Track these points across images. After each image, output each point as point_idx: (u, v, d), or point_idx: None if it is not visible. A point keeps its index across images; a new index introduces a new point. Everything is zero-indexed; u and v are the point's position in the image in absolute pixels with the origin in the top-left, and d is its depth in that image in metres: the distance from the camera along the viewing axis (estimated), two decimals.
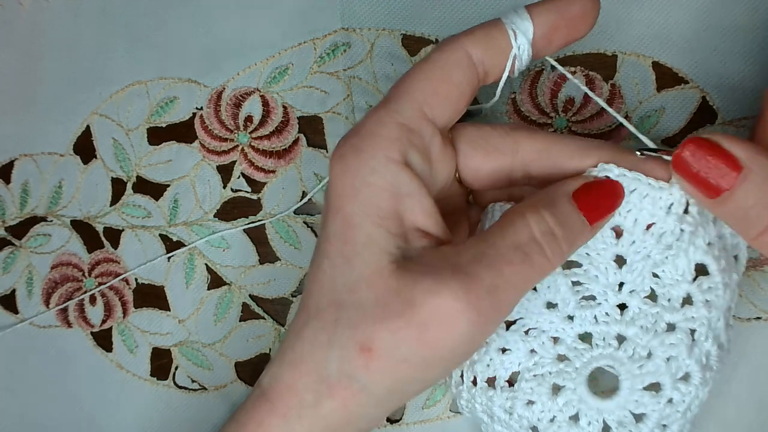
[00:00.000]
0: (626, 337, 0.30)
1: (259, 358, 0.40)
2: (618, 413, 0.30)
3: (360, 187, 0.28)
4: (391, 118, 0.29)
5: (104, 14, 0.42)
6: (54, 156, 0.42)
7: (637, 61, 0.37)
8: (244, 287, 0.40)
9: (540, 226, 0.28)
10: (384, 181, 0.28)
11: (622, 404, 0.30)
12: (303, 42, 0.40)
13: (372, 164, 0.28)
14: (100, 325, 0.42)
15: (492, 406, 0.32)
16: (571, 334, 0.31)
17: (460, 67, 0.29)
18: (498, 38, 0.30)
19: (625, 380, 0.30)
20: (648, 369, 0.30)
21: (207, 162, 0.41)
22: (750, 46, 0.36)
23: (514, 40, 0.30)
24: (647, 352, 0.30)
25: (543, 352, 0.31)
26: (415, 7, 0.39)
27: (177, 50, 0.41)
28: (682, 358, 0.30)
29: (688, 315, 0.29)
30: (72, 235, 0.42)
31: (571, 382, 0.31)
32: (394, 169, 0.28)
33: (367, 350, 0.27)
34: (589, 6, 0.31)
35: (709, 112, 0.37)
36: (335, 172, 0.29)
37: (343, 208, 0.28)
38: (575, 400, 0.31)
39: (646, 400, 0.30)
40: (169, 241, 0.41)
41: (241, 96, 0.40)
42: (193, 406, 0.41)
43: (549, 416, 0.31)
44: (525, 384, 0.31)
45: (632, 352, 0.30)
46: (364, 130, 0.29)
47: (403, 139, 0.28)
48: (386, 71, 0.39)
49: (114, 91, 0.42)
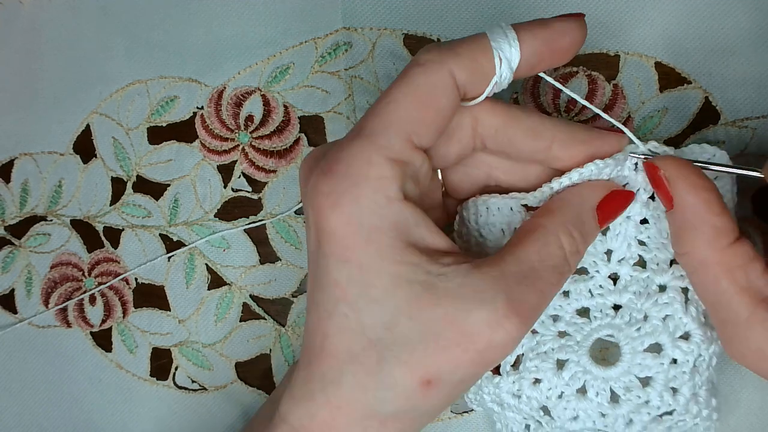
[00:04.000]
0: (621, 305, 0.31)
1: (259, 359, 0.40)
2: (624, 379, 0.31)
3: (367, 235, 0.27)
4: (379, 154, 0.27)
5: (104, 13, 0.42)
6: (54, 155, 0.42)
7: (640, 61, 0.37)
8: (244, 287, 0.40)
9: (571, 247, 0.29)
10: (390, 221, 0.27)
11: (627, 369, 0.31)
12: (304, 41, 0.40)
13: (375, 209, 0.27)
14: (99, 325, 0.41)
15: (500, 393, 0.32)
16: (569, 310, 0.31)
17: (446, 91, 0.28)
18: (483, 62, 0.28)
19: (625, 345, 0.31)
20: (645, 330, 0.30)
21: (207, 161, 0.41)
22: (753, 47, 0.36)
23: (499, 67, 0.28)
24: (643, 315, 0.30)
25: (544, 331, 0.31)
26: (416, 6, 0.39)
27: (177, 49, 0.41)
28: (678, 317, 0.30)
29: (677, 274, 0.30)
30: (72, 234, 0.42)
31: (574, 355, 0.31)
32: (397, 207, 0.27)
33: (427, 383, 0.27)
34: (578, 39, 0.29)
35: (711, 113, 0.37)
36: (331, 223, 0.27)
37: (353, 258, 0.27)
38: (580, 372, 0.31)
39: (649, 362, 0.30)
40: (170, 240, 0.41)
41: (242, 95, 0.40)
42: (193, 406, 0.40)
43: (557, 392, 0.31)
44: (529, 363, 0.31)
45: (629, 317, 0.31)
46: (356, 174, 0.27)
47: (399, 174, 0.27)
48: (388, 71, 0.39)
49: (114, 90, 0.42)
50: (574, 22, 0.29)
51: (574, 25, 0.29)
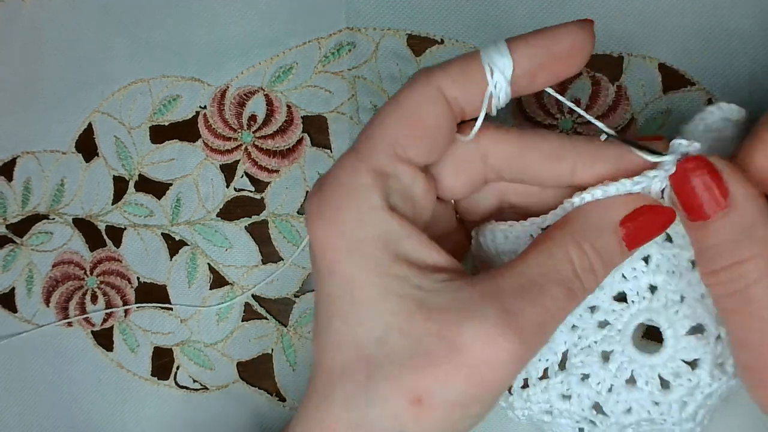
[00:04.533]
0: (657, 286, 0.30)
1: (261, 358, 0.40)
2: (671, 365, 0.30)
3: (350, 245, 0.26)
4: (363, 164, 0.27)
5: (106, 11, 0.42)
6: (56, 154, 0.42)
7: (644, 62, 0.37)
8: (246, 287, 0.40)
9: (581, 262, 0.27)
10: (374, 231, 0.26)
11: (672, 354, 0.30)
12: (307, 41, 0.40)
13: (357, 216, 0.26)
14: (101, 325, 0.41)
15: (550, 398, 0.31)
16: (605, 298, 0.30)
17: (433, 107, 0.27)
18: (474, 75, 0.27)
19: (667, 329, 0.30)
20: (684, 312, 0.29)
21: (210, 161, 0.41)
22: (756, 48, 0.36)
23: (490, 78, 0.27)
24: (679, 296, 0.30)
25: (583, 324, 0.31)
26: (420, 6, 0.39)
27: (180, 48, 0.41)
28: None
29: None
30: (74, 233, 0.42)
31: (617, 345, 0.30)
32: (380, 215, 0.27)
33: (417, 401, 0.25)
34: (580, 40, 0.27)
35: None
36: (317, 234, 0.27)
37: (337, 270, 0.27)
38: (626, 362, 0.30)
39: (694, 344, 0.29)
40: (172, 240, 0.41)
41: (244, 95, 0.40)
42: (194, 405, 0.40)
43: (606, 386, 0.30)
44: (575, 359, 0.31)
45: (665, 300, 0.30)
46: (337, 184, 0.27)
47: (380, 184, 0.27)
48: (391, 71, 0.39)
49: (116, 89, 0.42)
50: (574, 26, 0.27)
51: (574, 30, 0.27)
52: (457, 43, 0.38)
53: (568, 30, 0.27)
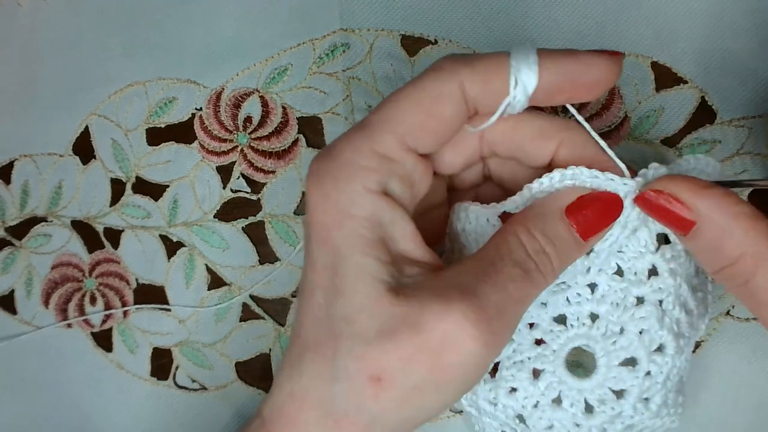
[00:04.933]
0: (599, 315, 0.30)
1: (259, 358, 0.40)
2: (598, 392, 0.31)
3: (342, 218, 0.27)
4: (370, 146, 0.27)
5: (103, 14, 0.42)
6: (53, 156, 0.42)
7: (636, 61, 0.37)
8: (244, 287, 0.40)
9: (532, 245, 0.27)
10: (365, 211, 0.27)
11: (601, 382, 0.31)
12: (302, 42, 0.40)
13: (351, 195, 0.27)
14: (100, 326, 0.42)
15: (477, 399, 0.32)
16: (546, 318, 0.31)
17: (452, 102, 0.27)
18: (496, 81, 0.27)
19: (601, 357, 0.30)
20: (621, 344, 0.30)
21: (206, 162, 0.41)
22: (749, 46, 0.36)
23: (513, 88, 0.27)
24: (619, 328, 0.30)
25: (520, 339, 0.31)
26: (413, 7, 0.39)
27: (176, 51, 0.41)
28: (654, 330, 0.30)
29: (655, 286, 0.30)
30: (72, 235, 0.42)
31: (550, 365, 0.31)
32: (374, 198, 0.27)
33: (377, 380, 0.26)
34: (608, 74, 0.28)
35: (707, 112, 0.37)
36: (314, 200, 0.28)
37: (328, 239, 0.27)
38: (556, 383, 0.31)
39: (624, 376, 0.30)
40: (169, 241, 0.41)
41: (240, 96, 0.40)
42: (193, 405, 0.41)
43: (532, 402, 0.31)
44: (506, 372, 0.31)
45: (605, 329, 0.30)
46: (342, 157, 0.27)
47: (382, 169, 0.27)
48: (385, 71, 0.39)
49: (113, 92, 0.42)
50: (605, 59, 0.28)
51: (604, 62, 0.27)
52: (451, 43, 0.39)
53: (600, 61, 0.27)
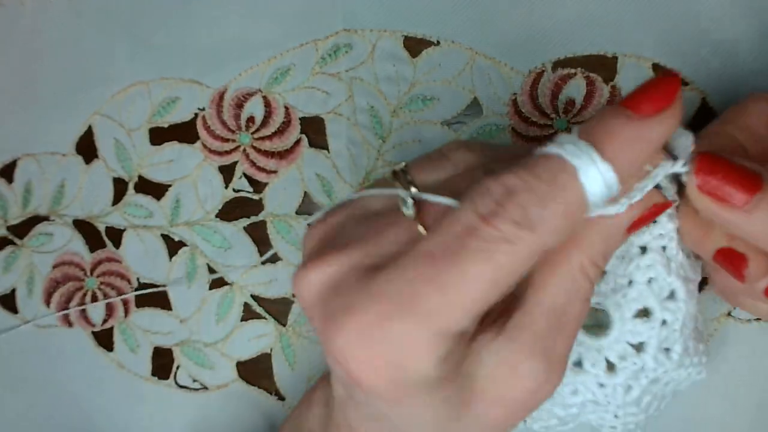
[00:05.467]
0: (606, 270, 0.30)
1: (260, 358, 0.40)
2: (617, 347, 0.30)
3: (403, 398, 0.24)
4: (431, 341, 0.23)
5: (106, 14, 0.42)
6: (56, 156, 0.42)
7: (638, 63, 0.37)
8: (245, 287, 0.40)
9: (596, 274, 0.26)
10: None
11: (618, 337, 0.30)
12: (304, 43, 0.40)
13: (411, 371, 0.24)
14: (101, 325, 0.42)
15: None
16: None
17: (524, 266, 0.24)
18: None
19: (614, 312, 0.30)
20: (632, 296, 0.30)
21: (209, 162, 0.41)
22: (750, 48, 0.37)
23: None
24: (627, 281, 0.30)
25: None
26: (416, 7, 0.39)
27: (179, 50, 0.41)
28: (663, 277, 0.29)
29: (656, 233, 0.29)
30: (74, 234, 0.42)
31: None
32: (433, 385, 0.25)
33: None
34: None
35: (709, 114, 0.37)
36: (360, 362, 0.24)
37: (403, 402, 0.25)
38: (574, 344, 0.30)
39: (640, 328, 0.30)
40: (171, 240, 0.41)
41: (243, 96, 0.41)
42: (194, 405, 0.41)
43: None
44: None
45: (614, 283, 0.30)
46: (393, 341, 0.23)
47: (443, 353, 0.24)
48: (388, 72, 0.39)
49: (116, 92, 0.42)
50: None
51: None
52: (453, 44, 0.39)
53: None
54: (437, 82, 0.39)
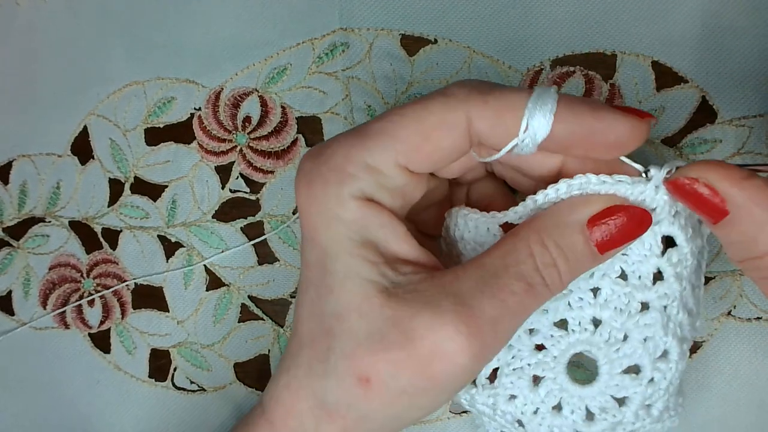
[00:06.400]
0: (601, 320, 0.30)
1: (258, 359, 0.40)
2: (600, 399, 0.30)
3: (329, 219, 0.27)
4: (362, 156, 0.27)
5: (102, 14, 0.42)
6: (52, 157, 0.42)
7: (637, 60, 0.37)
8: (242, 288, 0.40)
9: (543, 258, 0.26)
10: (351, 215, 0.27)
11: (603, 389, 0.30)
12: (301, 42, 0.40)
13: (338, 199, 0.27)
14: (98, 327, 0.41)
15: (475, 403, 0.31)
16: (546, 323, 0.30)
17: (454, 132, 0.27)
18: (507, 120, 0.26)
19: (603, 365, 0.30)
20: (625, 352, 0.29)
21: (205, 163, 0.41)
22: (749, 45, 0.36)
23: (522, 132, 0.26)
24: (623, 335, 0.29)
25: (520, 345, 0.30)
26: (413, 6, 0.39)
27: (175, 50, 0.41)
28: (659, 337, 0.29)
29: (661, 292, 0.29)
30: (70, 235, 0.42)
31: (550, 372, 0.30)
32: (360, 204, 0.27)
33: (366, 381, 0.26)
34: (628, 140, 0.26)
35: (708, 112, 0.37)
36: (303, 200, 0.28)
37: (316, 238, 0.28)
38: (556, 390, 0.30)
39: (627, 383, 0.30)
40: (168, 241, 0.41)
41: (239, 96, 0.40)
42: (191, 407, 0.41)
43: (532, 408, 0.31)
44: (505, 379, 0.31)
45: (608, 335, 0.30)
46: (333, 162, 0.27)
47: (370, 180, 0.27)
48: (385, 71, 0.39)
49: (111, 92, 0.42)
50: (630, 121, 0.26)
51: (629, 124, 0.26)
52: (451, 42, 0.39)
53: (625, 122, 0.26)
54: (435, 81, 0.39)
